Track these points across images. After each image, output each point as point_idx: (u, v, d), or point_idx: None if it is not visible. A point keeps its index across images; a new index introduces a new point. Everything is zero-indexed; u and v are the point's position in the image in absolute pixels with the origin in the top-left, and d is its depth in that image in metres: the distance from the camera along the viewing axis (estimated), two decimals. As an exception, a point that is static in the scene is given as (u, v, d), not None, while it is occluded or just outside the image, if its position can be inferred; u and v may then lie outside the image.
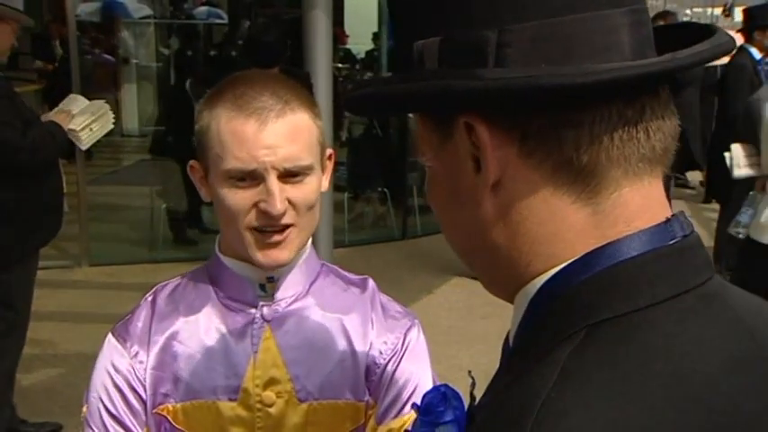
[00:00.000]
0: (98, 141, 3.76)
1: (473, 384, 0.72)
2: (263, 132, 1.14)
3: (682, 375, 0.58)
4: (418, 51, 0.65)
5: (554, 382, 0.57)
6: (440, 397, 0.73)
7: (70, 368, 4.25)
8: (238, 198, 1.16)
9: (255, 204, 1.16)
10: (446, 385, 0.74)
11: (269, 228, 1.17)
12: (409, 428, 0.76)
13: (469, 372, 0.71)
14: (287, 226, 1.18)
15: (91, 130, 3.61)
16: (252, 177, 1.15)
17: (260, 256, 1.18)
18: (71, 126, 3.52)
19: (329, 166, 1.28)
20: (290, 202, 1.17)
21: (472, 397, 0.70)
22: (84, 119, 3.58)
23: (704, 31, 0.67)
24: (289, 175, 1.17)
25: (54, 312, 4.92)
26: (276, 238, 1.18)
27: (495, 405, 0.62)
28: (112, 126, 3.78)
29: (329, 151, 1.27)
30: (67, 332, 4.69)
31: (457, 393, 0.74)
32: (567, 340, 0.60)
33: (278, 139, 1.15)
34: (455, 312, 5.43)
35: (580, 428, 0.54)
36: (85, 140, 3.61)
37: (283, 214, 1.16)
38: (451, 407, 0.72)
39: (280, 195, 1.15)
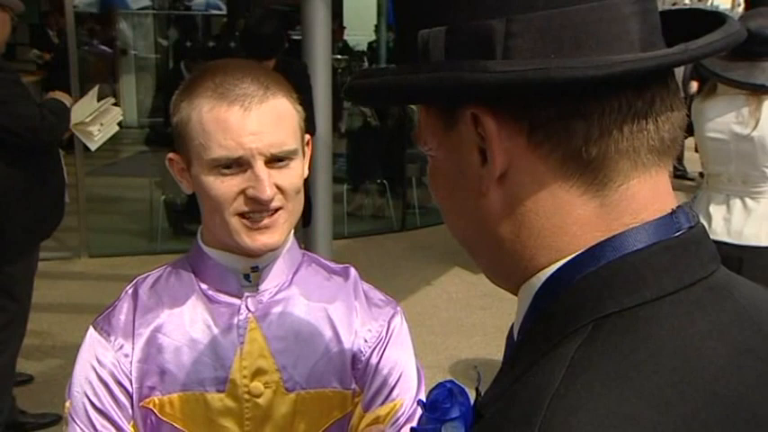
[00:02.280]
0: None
1: (479, 379, 0.71)
2: (248, 119, 1.14)
3: (690, 369, 0.57)
4: (423, 41, 0.64)
5: (562, 377, 0.56)
6: (446, 393, 0.72)
7: (69, 359, 4.20)
8: (225, 186, 1.16)
9: (242, 191, 1.16)
10: (452, 381, 0.73)
11: (257, 213, 1.17)
12: (415, 425, 0.76)
13: (475, 366, 0.70)
14: (276, 209, 1.18)
15: (101, 124, 3.61)
16: (238, 164, 1.15)
17: (248, 241, 1.18)
18: (79, 120, 3.52)
19: (308, 151, 1.28)
20: (277, 187, 1.17)
21: (478, 392, 0.69)
22: (92, 112, 3.58)
23: (714, 18, 0.66)
24: (275, 161, 1.17)
25: (53, 304, 4.93)
26: (265, 222, 1.18)
27: (502, 401, 0.61)
28: (121, 118, 3.77)
29: (306, 137, 1.27)
30: (67, 323, 4.69)
31: (463, 389, 0.73)
32: (575, 334, 0.59)
33: (262, 124, 1.15)
34: (454, 304, 5.44)
35: (590, 424, 0.53)
36: (96, 137, 3.60)
37: (272, 200, 1.16)
38: (457, 403, 0.71)
39: (268, 181, 1.15)
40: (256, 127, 1.14)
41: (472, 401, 0.70)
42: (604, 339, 0.58)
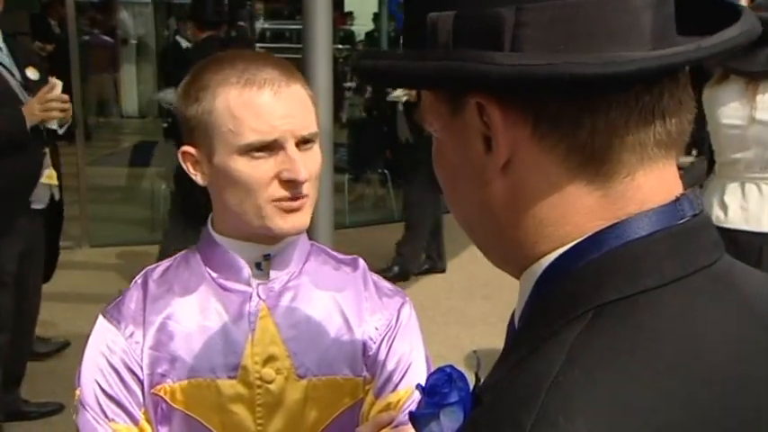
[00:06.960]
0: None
1: (478, 365, 0.71)
2: (279, 101, 1.16)
3: (690, 356, 0.57)
4: (431, 24, 0.62)
5: (561, 364, 0.56)
6: (445, 378, 0.72)
7: (71, 349, 4.26)
8: (259, 171, 1.16)
9: (276, 175, 1.17)
10: (451, 366, 0.73)
11: (290, 197, 1.18)
12: (413, 410, 0.76)
13: (474, 352, 0.70)
14: (304, 195, 1.19)
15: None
16: (270, 148, 1.16)
17: (281, 223, 1.19)
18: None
19: None
20: None
21: (477, 378, 0.69)
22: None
23: (729, 9, 0.65)
24: (302, 143, 1.19)
25: (55, 293, 4.91)
26: (296, 204, 1.19)
27: (502, 386, 0.61)
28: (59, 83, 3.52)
29: None
30: (68, 313, 4.70)
31: (462, 374, 0.73)
32: (575, 321, 0.59)
33: (292, 107, 1.17)
34: (455, 293, 5.44)
35: (587, 411, 0.53)
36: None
37: (306, 180, 1.17)
38: (456, 388, 0.71)
39: (301, 161, 1.16)
40: (287, 110, 1.16)
41: (472, 387, 0.70)
42: (604, 326, 0.58)
